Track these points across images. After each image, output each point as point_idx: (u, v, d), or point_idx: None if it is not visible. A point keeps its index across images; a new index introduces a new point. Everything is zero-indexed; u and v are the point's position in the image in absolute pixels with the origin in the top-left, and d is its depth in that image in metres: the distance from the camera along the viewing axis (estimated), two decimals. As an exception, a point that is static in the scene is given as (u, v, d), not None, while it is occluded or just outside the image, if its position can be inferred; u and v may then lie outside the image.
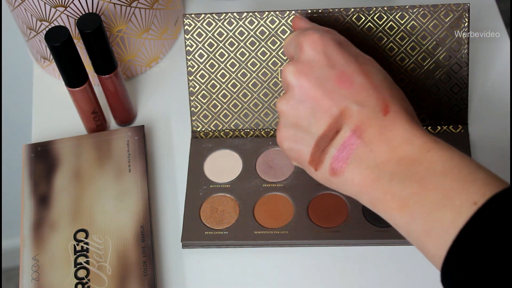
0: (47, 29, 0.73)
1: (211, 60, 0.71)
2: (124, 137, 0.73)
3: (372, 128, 0.52)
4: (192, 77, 0.72)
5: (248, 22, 0.70)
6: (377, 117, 0.52)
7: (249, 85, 0.71)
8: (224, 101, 0.72)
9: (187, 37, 0.71)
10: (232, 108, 0.72)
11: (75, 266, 0.66)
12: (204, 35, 0.71)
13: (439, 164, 0.50)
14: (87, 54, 0.71)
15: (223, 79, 0.71)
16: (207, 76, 0.72)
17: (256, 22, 0.70)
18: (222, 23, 0.70)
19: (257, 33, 0.70)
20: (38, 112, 0.80)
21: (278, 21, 0.69)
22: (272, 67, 0.70)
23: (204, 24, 0.70)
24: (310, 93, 0.55)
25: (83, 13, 0.72)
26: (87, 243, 0.67)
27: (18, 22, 0.77)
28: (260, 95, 0.71)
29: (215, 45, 0.71)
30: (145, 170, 0.71)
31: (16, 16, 0.77)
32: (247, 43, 0.70)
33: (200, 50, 0.71)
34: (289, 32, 0.69)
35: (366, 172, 0.52)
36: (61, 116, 0.78)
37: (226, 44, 0.70)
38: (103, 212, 0.69)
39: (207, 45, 0.71)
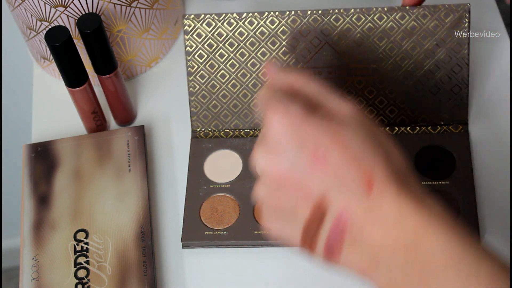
0: (47, 29, 0.73)
1: (211, 61, 0.71)
2: (124, 137, 0.73)
3: (358, 212, 0.48)
4: (192, 77, 0.72)
5: (248, 23, 0.70)
6: (361, 198, 0.48)
7: (249, 85, 0.71)
8: (224, 101, 0.72)
9: (187, 37, 0.71)
10: (232, 108, 0.72)
11: (75, 266, 0.66)
12: (204, 35, 0.71)
13: (438, 253, 0.46)
14: (87, 54, 0.71)
15: (223, 79, 0.71)
16: (207, 76, 0.72)
17: (256, 23, 0.70)
18: (222, 24, 0.70)
19: (257, 33, 0.70)
20: (38, 112, 0.80)
21: (278, 22, 0.69)
22: None
23: (204, 24, 0.70)
24: (285, 181, 0.50)
25: (83, 13, 0.72)
26: (87, 243, 0.67)
27: (18, 22, 0.77)
28: None
29: (215, 45, 0.71)
30: (145, 170, 0.71)
31: (16, 16, 0.77)
32: (247, 44, 0.70)
33: (200, 51, 0.71)
34: (289, 33, 0.69)
35: (362, 258, 0.49)
36: (61, 116, 0.78)
37: (226, 45, 0.70)
38: (103, 212, 0.69)
39: (207, 45, 0.71)
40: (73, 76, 0.70)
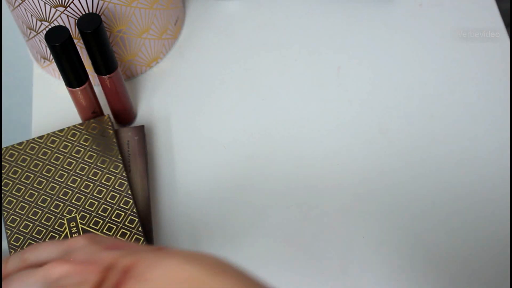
0: (47, 29, 0.73)
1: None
2: (124, 137, 0.73)
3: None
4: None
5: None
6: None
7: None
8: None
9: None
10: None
11: (75, 266, 0.66)
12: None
13: None
14: (87, 54, 0.71)
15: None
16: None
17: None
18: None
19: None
20: (38, 112, 0.80)
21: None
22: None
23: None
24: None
25: (83, 13, 0.72)
26: (87, 243, 0.67)
27: (18, 22, 0.77)
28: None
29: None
30: (145, 170, 0.71)
31: (16, 16, 0.77)
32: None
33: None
34: None
35: None
36: (61, 116, 0.78)
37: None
38: (103, 212, 0.69)
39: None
40: (73, 76, 0.70)
